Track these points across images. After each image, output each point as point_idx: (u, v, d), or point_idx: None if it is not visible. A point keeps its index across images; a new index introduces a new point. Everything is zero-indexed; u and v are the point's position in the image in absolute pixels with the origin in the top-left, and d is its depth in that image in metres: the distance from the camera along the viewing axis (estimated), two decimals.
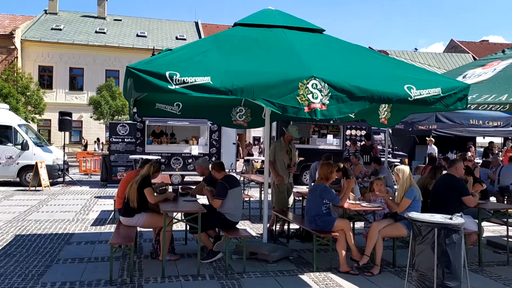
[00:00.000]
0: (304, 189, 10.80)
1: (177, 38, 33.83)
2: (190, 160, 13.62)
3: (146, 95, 6.33)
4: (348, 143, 15.11)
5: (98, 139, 28.32)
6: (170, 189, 6.60)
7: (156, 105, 6.84)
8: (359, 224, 7.53)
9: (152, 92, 4.60)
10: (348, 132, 15.79)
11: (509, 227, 6.69)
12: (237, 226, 6.03)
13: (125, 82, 4.62)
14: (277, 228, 7.25)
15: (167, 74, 4.08)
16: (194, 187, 6.64)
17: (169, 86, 4.08)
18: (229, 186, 5.76)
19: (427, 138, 14.51)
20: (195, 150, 13.92)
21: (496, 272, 5.72)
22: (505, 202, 9.37)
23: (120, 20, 36.30)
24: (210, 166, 6.31)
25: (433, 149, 14.16)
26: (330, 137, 15.59)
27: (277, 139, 7.34)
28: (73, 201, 10.99)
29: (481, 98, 5.72)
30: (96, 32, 33.06)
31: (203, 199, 6.82)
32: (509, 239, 6.58)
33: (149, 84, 4.07)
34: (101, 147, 19.36)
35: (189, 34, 34.99)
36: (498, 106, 8.12)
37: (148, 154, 13.18)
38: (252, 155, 23.14)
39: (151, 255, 5.95)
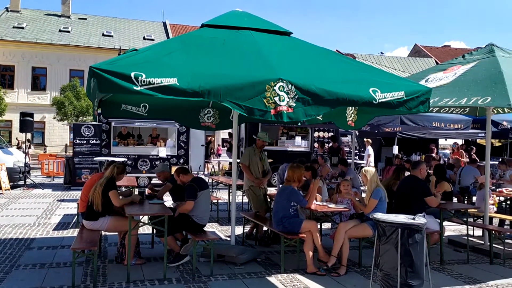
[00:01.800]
0: (272, 190, 10.84)
1: (144, 38, 33.35)
2: (157, 162, 13.42)
3: (111, 95, 6.20)
4: (316, 145, 15.29)
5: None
6: (136, 191, 6.49)
7: (122, 106, 6.71)
8: (326, 225, 7.62)
9: (116, 93, 4.51)
10: (316, 134, 15.97)
11: (469, 227, 6.93)
12: (205, 228, 5.98)
13: (88, 83, 4.51)
14: (245, 230, 7.24)
15: (132, 75, 4.01)
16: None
17: (135, 87, 4.01)
18: (199, 188, 5.72)
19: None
20: (162, 152, 13.73)
21: (457, 270, 5.90)
22: (466, 202, 9.71)
23: (85, 19, 35.47)
24: (174, 170, 6.23)
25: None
26: (298, 139, 15.71)
27: (250, 146, 7.32)
28: (35, 204, 10.63)
29: (443, 101, 5.90)
30: (60, 31, 32.18)
31: (170, 202, 6.73)
32: (469, 238, 6.81)
33: (113, 85, 3.99)
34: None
35: (157, 35, 34.56)
36: (459, 109, 8.43)
37: (114, 156, 12.90)
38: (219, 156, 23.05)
39: (116, 259, 5.81)
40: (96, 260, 4.95)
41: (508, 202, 8.51)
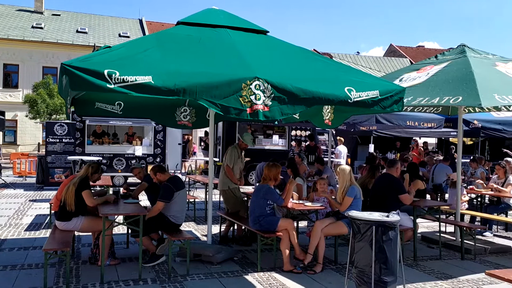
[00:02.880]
0: (250, 189, 10.85)
1: (120, 36, 32.83)
2: (133, 161, 13.25)
3: (84, 93, 6.09)
4: (293, 143, 15.36)
5: None
6: (111, 191, 6.39)
7: (96, 104, 6.60)
8: (302, 223, 7.67)
9: (89, 91, 4.43)
10: (293, 132, 16.04)
11: (441, 223, 7.09)
12: (182, 228, 5.94)
13: (60, 80, 4.41)
14: (222, 229, 7.22)
15: (105, 72, 3.95)
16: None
17: (108, 85, 3.95)
18: (175, 188, 5.66)
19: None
20: (138, 150, 13.56)
21: (430, 266, 6.02)
22: (438, 199, 9.92)
23: (59, 15, 34.67)
24: (150, 169, 6.14)
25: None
26: (275, 137, 15.76)
27: (233, 146, 7.21)
28: (6, 205, 10.34)
29: (416, 100, 6.00)
30: (32, 27, 31.36)
31: (145, 201, 6.65)
32: (442, 235, 6.97)
33: (86, 83, 3.92)
34: None
35: (133, 32, 34.08)
36: (432, 108, 8.61)
37: (89, 155, 12.67)
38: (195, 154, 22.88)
39: (89, 260, 5.71)
40: (69, 261, 4.84)
41: (479, 199, 8.72)
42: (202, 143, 18.63)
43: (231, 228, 7.09)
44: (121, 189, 6.36)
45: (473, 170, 10.62)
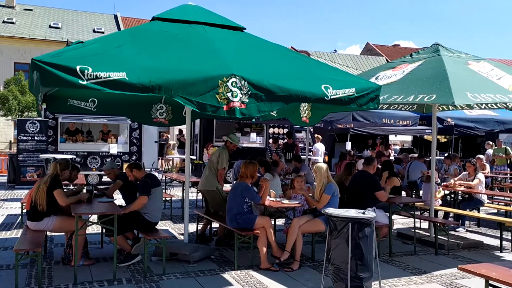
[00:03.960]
0: (227, 187, 10.79)
1: (94, 31, 32.21)
2: (108, 159, 13.02)
3: (56, 90, 5.93)
4: (271, 141, 15.37)
5: None
6: (84, 190, 6.25)
7: (68, 101, 6.44)
8: (280, 221, 7.68)
9: (61, 87, 4.31)
10: (271, 130, 16.05)
11: (416, 219, 7.20)
12: (158, 227, 5.86)
13: (31, 76, 4.28)
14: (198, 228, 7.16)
15: (77, 68, 3.85)
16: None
17: (80, 81, 3.85)
18: (152, 185, 5.59)
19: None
20: (114, 148, 13.32)
21: (405, 261, 6.11)
22: (414, 196, 10.09)
23: (31, 10, 33.76)
24: (126, 167, 6.05)
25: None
26: (253, 135, 15.73)
27: (222, 147, 7.04)
28: None
29: (391, 98, 6.07)
30: (3, 22, 30.45)
31: (120, 200, 6.53)
32: (416, 231, 7.08)
33: (57, 79, 3.81)
34: None
35: (108, 27, 33.49)
36: (407, 106, 8.73)
37: (62, 153, 12.38)
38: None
39: (62, 261, 5.58)
40: (40, 262, 4.72)
41: (452, 196, 8.90)
42: (176, 142, 18.46)
43: (209, 226, 7.03)
44: (94, 188, 6.22)
45: (447, 167, 10.84)
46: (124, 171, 6.19)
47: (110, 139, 13.60)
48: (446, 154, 12.87)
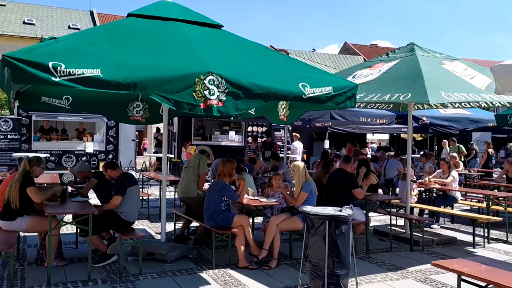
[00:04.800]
0: (206, 186, 10.73)
1: (69, 28, 31.56)
2: (84, 158, 12.79)
3: (29, 87, 5.79)
4: (249, 139, 15.36)
5: None
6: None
7: (42, 99, 6.27)
8: (258, 219, 7.68)
9: (33, 84, 4.21)
10: (249, 128, 16.03)
11: (392, 216, 7.31)
12: (135, 226, 5.78)
13: (1, 73, 4.16)
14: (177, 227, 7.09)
15: (50, 64, 3.76)
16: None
17: (53, 78, 3.76)
18: (128, 184, 5.51)
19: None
20: (89, 147, 13.09)
21: (381, 258, 6.19)
22: (390, 193, 10.24)
23: (4, 5, 32.85)
24: (102, 165, 5.95)
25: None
26: (232, 133, 15.68)
27: (201, 154, 6.89)
28: None
29: (368, 97, 6.13)
30: None
31: (94, 200, 6.42)
32: (392, 227, 7.18)
33: (29, 76, 3.71)
34: None
35: (83, 24, 32.87)
36: (384, 104, 8.84)
37: (35, 152, 12.08)
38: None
39: (35, 261, 5.45)
40: (13, 263, 4.59)
41: (427, 193, 9.06)
42: (154, 140, 18.26)
43: (188, 226, 6.97)
44: (69, 187, 6.09)
45: (422, 164, 11.04)
46: (100, 170, 6.08)
47: (86, 137, 13.36)
48: (421, 152, 13.10)
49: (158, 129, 18.38)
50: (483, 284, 3.48)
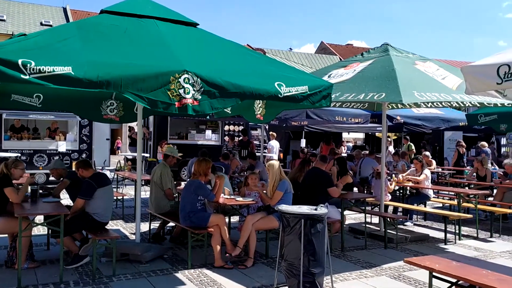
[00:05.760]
0: (182, 185, 10.65)
1: (42, 24, 30.82)
2: (56, 157, 12.51)
3: None
4: (226, 138, 15.32)
5: None
6: (29, 189, 5.95)
7: (12, 97, 6.08)
8: (234, 218, 7.66)
9: (1, 81, 4.06)
10: (226, 127, 15.99)
11: (367, 214, 7.41)
12: (109, 226, 5.69)
13: None
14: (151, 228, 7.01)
15: (19, 62, 3.67)
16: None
17: (22, 76, 3.66)
18: (97, 185, 5.40)
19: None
20: (62, 146, 12.81)
21: (356, 256, 6.26)
22: (365, 191, 10.37)
23: None
24: (75, 164, 5.83)
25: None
26: (208, 132, 15.62)
27: (161, 165, 6.73)
28: None
29: (343, 96, 6.19)
30: None
31: (67, 200, 6.29)
32: (367, 225, 7.28)
33: None
34: None
35: (56, 20, 32.14)
36: (359, 104, 8.95)
37: (6, 151, 11.77)
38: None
39: (5, 264, 5.30)
40: None
41: (401, 191, 9.22)
42: (129, 139, 18.01)
43: (164, 225, 6.90)
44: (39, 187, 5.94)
45: (395, 163, 11.22)
46: (73, 169, 5.95)
47: (58, 136, 13.08)
48: (394, 151, 13.32)
49: (131, 128, 18.12)
50: (454, 280, 3.56)
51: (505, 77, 3.59)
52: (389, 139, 16.25)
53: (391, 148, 15.35)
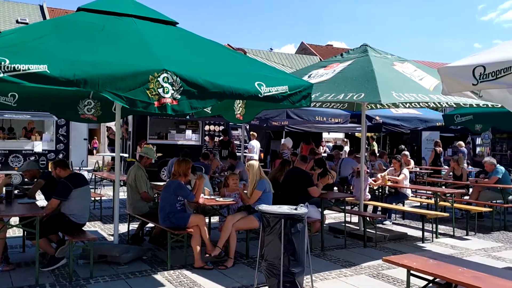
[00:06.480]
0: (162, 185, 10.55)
1: (18, 22, 30.14)
2: (32, 158, 12.25)
3: None
4: (206, 138, 15.25)
5: None
6: (4, 190, 5.81)
7: None
8: (215, 219, 7.63)
9: None
10: (207, 127, 15.92)
11: (347, 214, 7.47)
12: (87, 228, 5.59)
13: None
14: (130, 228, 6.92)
15: None
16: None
17: None
18: (73, 186, 5.30)
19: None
20: (38, 146, 12.54)
21: (336, 255, 6.31)
22: (345, 191, 10.45)
23: None
24: (50, 164, 5.71)
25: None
26: (188, 132, 15.53)
27: (135, 166, 6.60)
28: None
29: (323, 96, 6.23)
30: None
31: (42, 201, 6.16)
32: (347, 225, 7.34)
33: None
34: None
35: (33, 18, 31.48)
36: (338, 104, 9.01)
37: None
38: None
39: None
40: None
41: (380, 190, 9.33)
42: (107, 139, 17.78)
43: (143, 226, 6.82)
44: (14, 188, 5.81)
45: (372, 162, 11.35)
46: (48, 169, 5.83)
47: (34, 136, 12.81)
48: (370, 151, 13.47)
49: (108, 128, 17.89)
50: (431, 278, 3.61)
51: (480, 78, 3.65)
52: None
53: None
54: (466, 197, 9.38)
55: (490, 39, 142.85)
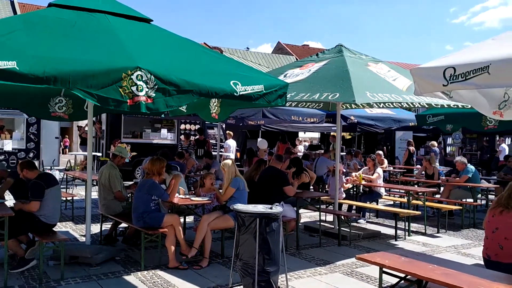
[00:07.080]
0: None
1: None
2: (1, 157, 11.90)
3: None
4: (182, 137, 15.12)
5: None
6: None
7: None
8: (190, 218, 7.58)
9: None
10: (182, 126, 15.79)
11: (322, 213, 7.53)
12: (58, 228, 5.46)
13: None
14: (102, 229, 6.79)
15: None
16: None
17: None
18: (46, 185, 5.16)
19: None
20: (8, 145, 12.21)
21: (311, 253, 6.35)
22: (320, 190, 10.55)
23: None
24: (17, 165, 5.53)
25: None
26: (164, 131, 15.35)
27: (108, 165, 6.45)
28: None
29: (299, 96, 6.26)
30: None
31: (10, 201, 5.98)
32: (322, 223, 7.39)
33: None
34: None
35: (3, 13, 30.58)
36: (314, 104, 9.08)
37: None
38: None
39: None
40: None
41: (355, 189, 9.44)
42: (79, 137, 17.42)
43: (116, 226, 6.71)
44: None
45: (348, 161, 11.50)
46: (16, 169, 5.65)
47: (4, 134, 12.47)
48: (347, 150, 13.65)
49: (80, 127, 17.54)
50: (402, 275, 3.67)
51: (450, 79, 3.73)
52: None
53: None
54: (438, 196, 9.59)
55: (461, 41, 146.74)
